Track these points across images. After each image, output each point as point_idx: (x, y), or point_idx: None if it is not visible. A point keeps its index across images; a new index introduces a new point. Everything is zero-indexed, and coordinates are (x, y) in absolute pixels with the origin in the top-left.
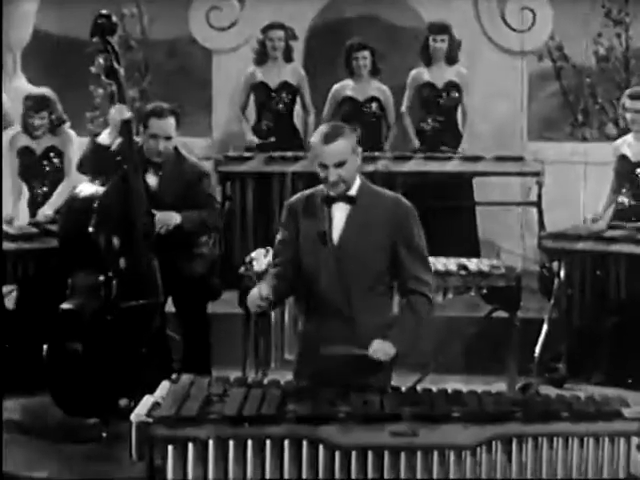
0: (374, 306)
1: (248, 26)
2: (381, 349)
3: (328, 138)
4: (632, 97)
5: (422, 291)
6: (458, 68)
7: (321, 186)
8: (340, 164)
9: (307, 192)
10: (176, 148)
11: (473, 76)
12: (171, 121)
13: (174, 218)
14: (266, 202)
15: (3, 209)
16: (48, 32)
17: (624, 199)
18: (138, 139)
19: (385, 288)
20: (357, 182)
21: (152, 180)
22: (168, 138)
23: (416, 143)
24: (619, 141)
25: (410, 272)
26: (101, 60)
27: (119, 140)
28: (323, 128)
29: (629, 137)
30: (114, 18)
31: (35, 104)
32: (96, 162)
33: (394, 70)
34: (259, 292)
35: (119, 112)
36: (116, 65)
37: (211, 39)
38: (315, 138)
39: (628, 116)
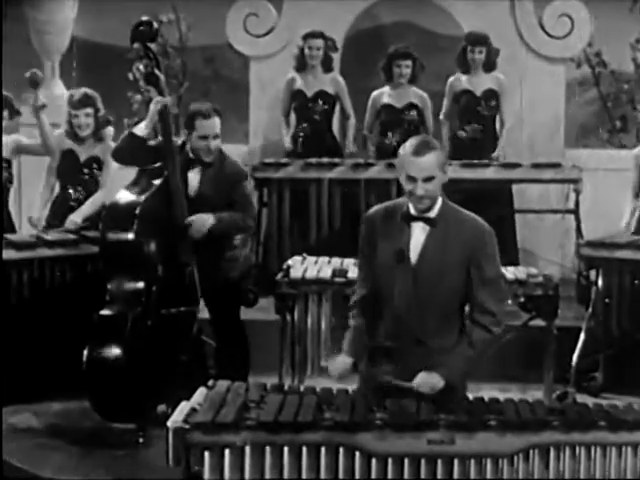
0: (446, 329)
1: (285, 33)
2: (427, 382)
3: (419, 151)
4: None
5: (484, 324)
6: (496, 75)
7: (401, 199)
8: (429, 179)
9: (386, 205)
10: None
11: (510, 83)
12: (217, 120)
13: (208, 220)
14: (303, 208)
15: (29, 209)
16: (86, 39)
17: None
18: (177, 140)
19: (458, 311)
20: (439, 201)
21: (194, 177)
22: (216, 137)
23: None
24: (637, 150)
25: (477, 300)
26: (141, 67)
27: (158, 138)
28: (414, 140)
29: None
30: (155, 25)
31: (79, 101)
32: (131, 153)
33: (431, 76)
34: (344, 365)
35: (158, 101)
36: (157, 71)
37: (248, 45)
38: (405, 149)
39: None
